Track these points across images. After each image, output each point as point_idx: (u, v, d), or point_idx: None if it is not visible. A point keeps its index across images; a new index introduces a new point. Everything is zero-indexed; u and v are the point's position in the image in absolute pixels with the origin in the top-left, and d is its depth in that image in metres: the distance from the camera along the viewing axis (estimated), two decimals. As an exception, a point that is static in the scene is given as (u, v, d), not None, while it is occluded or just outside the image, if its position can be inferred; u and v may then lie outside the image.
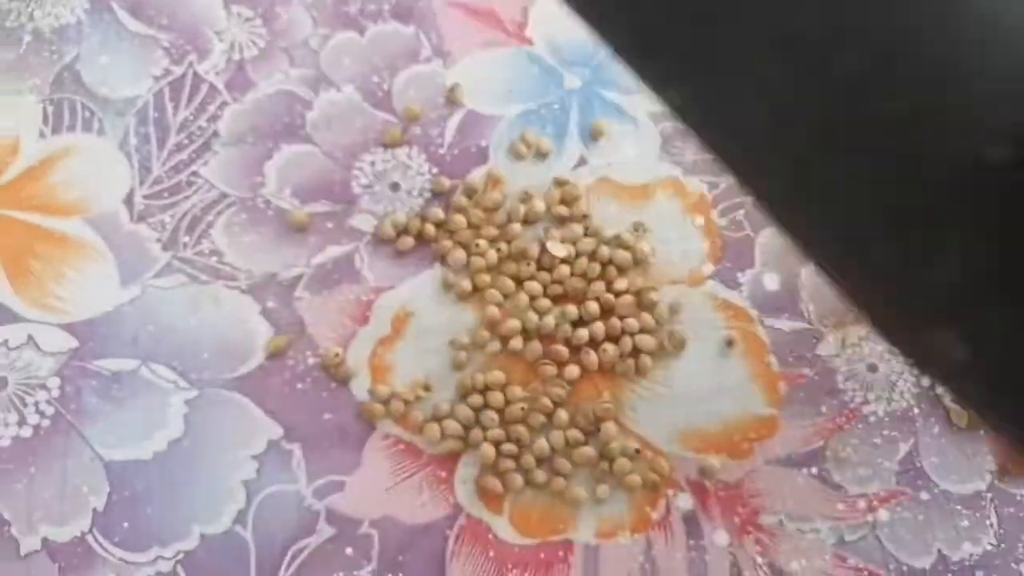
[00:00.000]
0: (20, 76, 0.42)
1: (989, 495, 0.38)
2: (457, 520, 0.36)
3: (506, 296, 0.40)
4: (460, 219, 0.40)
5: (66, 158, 0.40)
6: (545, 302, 0.39)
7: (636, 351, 0.39)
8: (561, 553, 0.36)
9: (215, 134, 0.41)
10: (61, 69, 0.42)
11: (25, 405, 0.36)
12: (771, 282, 0.41)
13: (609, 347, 0.39)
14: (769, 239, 0.41)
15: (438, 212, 0.40)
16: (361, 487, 0.36)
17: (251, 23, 0.44)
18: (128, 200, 0.40)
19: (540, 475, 0.37)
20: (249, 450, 0.36)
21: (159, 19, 0.43)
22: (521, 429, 0.37)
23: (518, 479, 0.37)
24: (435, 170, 0.41)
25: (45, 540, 0.35)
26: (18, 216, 0.39)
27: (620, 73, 0.44)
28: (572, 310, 0.39)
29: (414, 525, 0.36)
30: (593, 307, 0.39)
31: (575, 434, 0.38)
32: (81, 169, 0.40)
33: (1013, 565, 0.37)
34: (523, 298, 0.39)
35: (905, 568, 0.36)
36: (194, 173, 0.41)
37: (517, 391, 0.38)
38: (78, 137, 0.41)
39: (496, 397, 0.38)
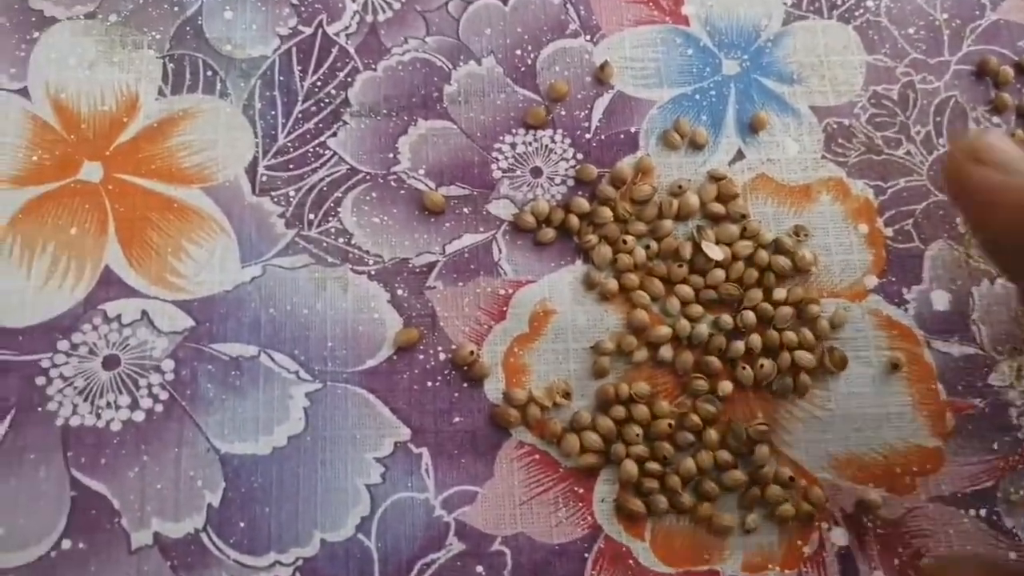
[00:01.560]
0: (139, 28, 0.38)
1: None
2: (596, 542, 0.33)
3: (654, 299, 0.36)
4: (606, 212, 0.37)
5: (186, 120, 0.37)
6: (697, 308, 0.36)
7: (795, 368, 0.36)
8: (710, 588, 0.33)
9: (345, 103, 0.38)
10: (183, 23, 0.39)
11: (138, 387, 0.34)
12: (940, 301, 0.37)
13: (766, 362, 0.35)
14: (939, 252, 0.38)
15: (583, 202, 0.37)
16: (493, 500, 0.33)
17: (386, -17, 0.40)
18: (251, 170, 0.37)
19: (686, 498, 0.34)
20: (375, 452, 0.34)
21: (288, -27, 0.40)
22: (667, 447, 0.34)
23: (662, 501, 0.34)
24: (580, 156, 0.38)
25: (157, 535, 0.32)
26: (136, 181, 0.36)
27: (783, 60, 0.40)
28: (727, 319, 0.36)
29: (550, 545, 0.33)
30: (750, 317, 0.36)
31: (725, 455, 0.34)
32: (202, 133, 0.37)
33: None
34: (674, 302, 0.36)
35: (1089, 631, 0.33)
36: (321, 144, 0.37)
37: (664, 405, 0.35)
38: (199, 98, 0.38)
39: (641, 410, 0.34)
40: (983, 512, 0.34)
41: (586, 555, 0.33)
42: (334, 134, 0.38)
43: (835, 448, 0.35)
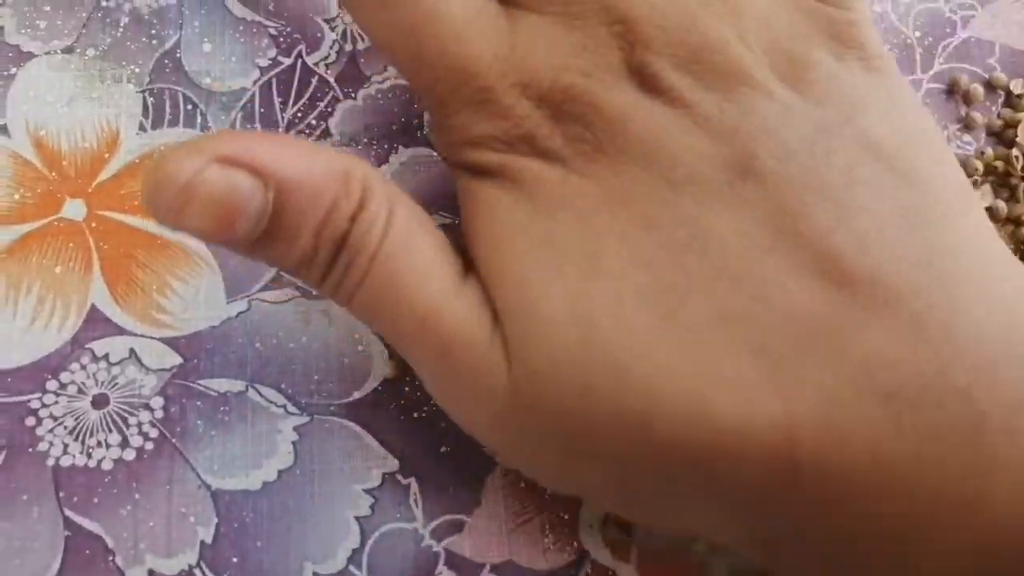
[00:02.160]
0: (118, 62, 0.38)
1: None
2: (583, 567, 0.34)
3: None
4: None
5: (168, 155, 0.37)
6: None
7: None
8: (693, 609, 0.34)
9: (326, 133, 0.38)
10: (162, 56, 0.39)
11: (128, 426, 0.34)
12: (914, 318, 0.38)
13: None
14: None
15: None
16: (482, 528, 0.34)
17: (364, 11, 0.40)
18: (234, 204, 0.37)
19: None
20: (363, 483, 0.34)
21: (265, 3, 0.40)
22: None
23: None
24: (560, 183, 0.38)
25: (151, 572, 0.33)
26: (119, 218, 0.37)
27: None
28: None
29: (538, 571, 0.34)
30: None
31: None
32: (184, 168, 0.37)
33: None
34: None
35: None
36: (303, 176, 0.38)
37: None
38: (180, 132, 0.38)
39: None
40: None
41: (573, 580, 0.34)
42: (316, 166, 0.38)
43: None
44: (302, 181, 0.25)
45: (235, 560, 0.33)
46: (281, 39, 0.39)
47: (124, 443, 0.34)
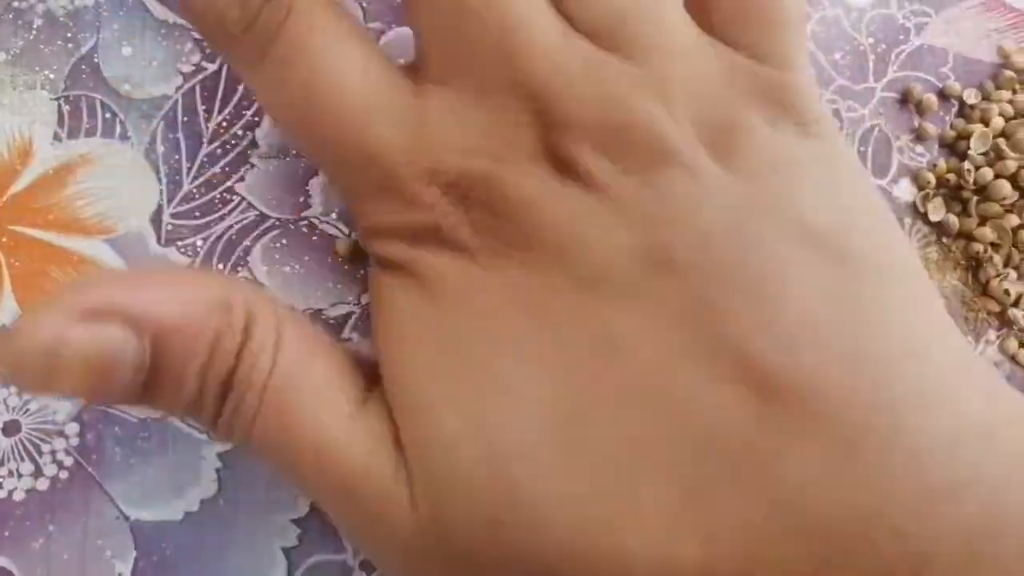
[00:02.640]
0: (31, 67, 0.36)
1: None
2: (517, 598, 0.33)
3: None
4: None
5: (85, 166, 0.36)
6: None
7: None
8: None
9: (253, 144, 0.37)
10: (78, 60, 0.36)
11: (41, 454, 0.33)
12: None
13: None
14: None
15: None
16: (413, 558, 0.33)
17: (294, 13, 0.38)
18: (156, 219, 0.35)
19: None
20: (290, 513, 0.33)
21: (190, 4, 0.38)
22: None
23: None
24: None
25: (65, 609, 0.31)
26: (32, 233, 0.35)
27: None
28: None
29: (470, 602, 0.33)
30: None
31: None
32: (102, 180, 0.35)
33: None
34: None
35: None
36: (229, 189, 0.36)
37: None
38: (98, 142, 0.36)
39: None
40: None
41: (507, 611, 0.33)
42: (242, 178, 0.36)
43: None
44: (179, 322, 0.24)
45: (154, 595, 0.32)
46: (205, 43, 0.37)
47: (37, 472, 0.33)
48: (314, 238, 0.36)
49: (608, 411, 0.23)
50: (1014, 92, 0.39)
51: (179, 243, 0.35)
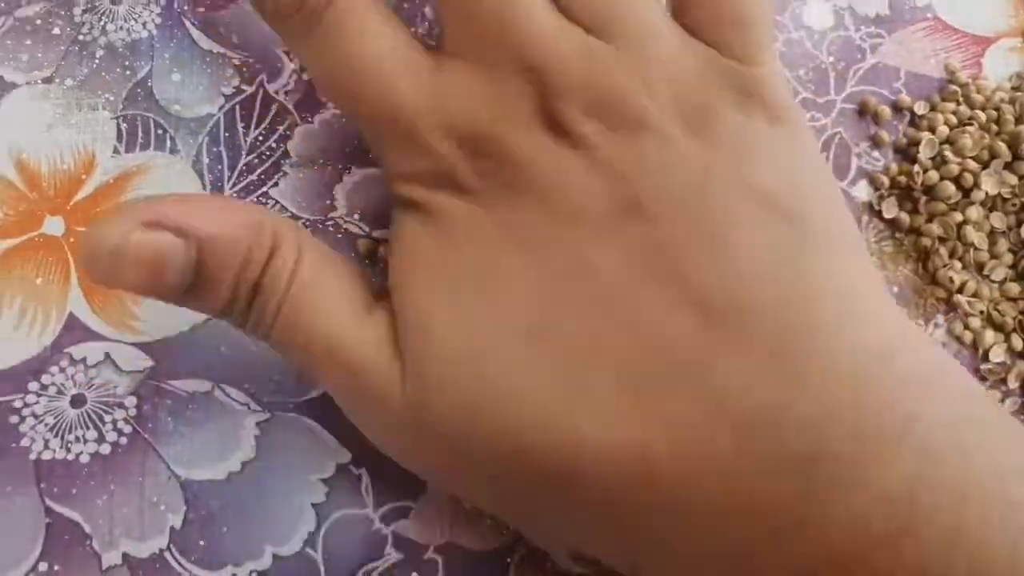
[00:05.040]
0: (94, 91, 0.42)
1: (1027, 539, 0.39)
2: (517, 548, 0.38)
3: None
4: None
5: (140, 176, 0.41)
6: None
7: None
8: (617, 584, 0.38)
9: (285, 155, 0.42)
10: (134, 85, 0.42)
11: (103, 423, 0.38)
12: None
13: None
14: (824, 277, 0.42)
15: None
16: (426, 513, 0.38)
17: (321, 42, 0.44)
18: (201, 221, 0.40)
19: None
20: (319, 473, 0.38)
21: (229, 36, 0.43)
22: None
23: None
24: (501, 199, 0.42)
25: (125, 555, 0.36)
26: (94, 234, 0.40)
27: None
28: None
29: (476, 552, 0.37)
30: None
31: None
32: (155, 187, 0.41)
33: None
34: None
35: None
36: (264, 194, 0.41)
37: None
38: (151, 155, 0.41)
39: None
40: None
41: (508, 560, 0.37)
42: (275, 184, 0.41)
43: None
44: (218, 235, 0.29)
45: (202, 544, 0.37)
46: (244, 69, 0.43)
47: (100, 438, 0.38)
48: (339, 236, 0.41)
49: (573, 320, 0.28)
50: (958, 104, 0.44)
51: (222, 241, 0.40)
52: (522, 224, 0.29)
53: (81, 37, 0.43)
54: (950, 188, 0.42)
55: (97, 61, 0.42)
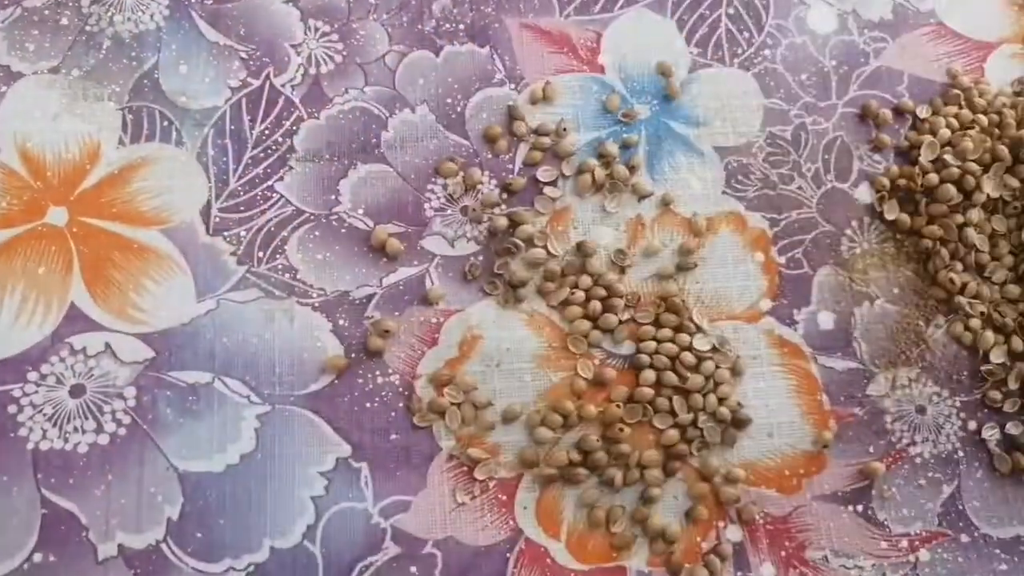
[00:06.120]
0: (100, 82, 0.42)
1: (1028, 542, 0.39)
2: (517, 543, 0.37)
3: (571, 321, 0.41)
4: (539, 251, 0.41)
5: (145, 167, 0.41)
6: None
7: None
8: (618, 582, 0.37)
9: (291, 149, 0.42)
10: (141, 76, 0.42)
11: (102, 413, 0.37)
12: (826, 321, 0.42)
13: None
14: (826, 277, 0.42)
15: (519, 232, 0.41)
16: (426, 508, 0.38)
17: (327, 38, 0.44)
18: (205, 212, 0.40)
19: (599, 512, 0.38)
20: (319, 467, 0.38)
21: (237, 29, 0.43)
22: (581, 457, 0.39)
23: (575, 508, 0.38)
24: (505, 196, 0.42)
25: (121, 547, 0.36)
26: (99, 224, 0.40)
27: (690, 104, 0.44)
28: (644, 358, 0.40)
29: (476, 547, 0.37)
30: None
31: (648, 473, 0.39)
32: (159, 179, 0.41)
33: (1050, 613, 0.38)
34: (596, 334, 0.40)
35: (946, 612, 0.38)
36: (269, 188, 0.41)
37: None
38: (156, 146, 0.41)
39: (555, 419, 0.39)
40: (860, 507, 0.39)
41: (508, 555, 0.37)
42: (281, 178, 0.41)
43: (731, 456, 0.39)
44: None
45: (199, 536, 0.36)
46: (251, 62, 0.43)
47: (99, 429, 0.37)
48: (343, 230, 0.41)
49: None
50: (960, 108, 0.44)
51: (225, 233, 0.40)
52: None
53: (88, 28, 0.43)
54: (951, 191, 0.42)
55: (104, 52, 0.42)
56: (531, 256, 0.41)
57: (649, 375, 0.40)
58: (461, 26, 0.45)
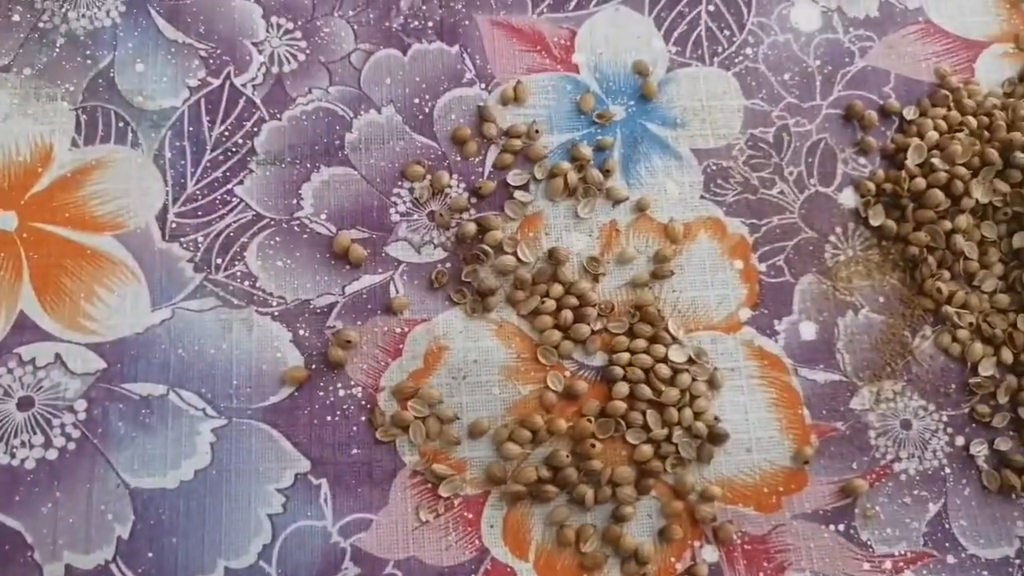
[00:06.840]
0: (53, 81, 0.40)
1: (1017, 561, 0.38)
2: (483, 564, 0.36)
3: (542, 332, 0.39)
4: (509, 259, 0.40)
5: (99, 170, 0.39)
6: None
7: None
8: (586, 604, 0.36)
9: (251, 151, 0.40)
10: (95, 75, 0.41)
11: (51, 427, 0.36)
12: (808, 331, 0.40)
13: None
14: (808, 286, 0.41)
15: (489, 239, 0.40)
16: (388, 526, 0.36)
17: (291, 35, 0.42)
18: (161, 217, 0.39)
19: (569, 531, 0.37)
20: (277, 483, 0.36)
21: (196, 26, 0.42)
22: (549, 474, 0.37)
23: (544, 526, 0.36)
24: (474, 200, 0.41)
25: (69, 567, 0.34)
26: (49, 229, 0.38)
27: (667, 105, 0.43)
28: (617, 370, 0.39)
29: (440, 567, 0.36)
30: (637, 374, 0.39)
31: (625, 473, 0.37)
32: (114, 182, 0.39)
33: (1037, 638, 0.37)
34: (566, 345, 0.39)
35: (930, 636, 0.36)
36: (229, 192, 0.40)
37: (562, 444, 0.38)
38: (111, 148, 0.40)
39: (524, 435, 0.37)
40: (841, 527, 0.38)
41: (472, 575, 0.36)
42: (241, 182, 0.40)
43: (707, 472, 0.38)
44: None
45: (150, 556, 0.35)
46: (211, 60, 0.41)
47: (47, 443, 0.36)
48: (304, 236, 0.39)
49: None
50: (948, 109, 0.43)
51: (181, 239, 0.39)
52: None
53: (41, 24, 0.41)
54: (939, 196, 0.40)
55: (57, 50, 0.41)
56: (500, 263, 0.39)
57: (622, 388, 0.38)
58: (430, 23, 0.43)
